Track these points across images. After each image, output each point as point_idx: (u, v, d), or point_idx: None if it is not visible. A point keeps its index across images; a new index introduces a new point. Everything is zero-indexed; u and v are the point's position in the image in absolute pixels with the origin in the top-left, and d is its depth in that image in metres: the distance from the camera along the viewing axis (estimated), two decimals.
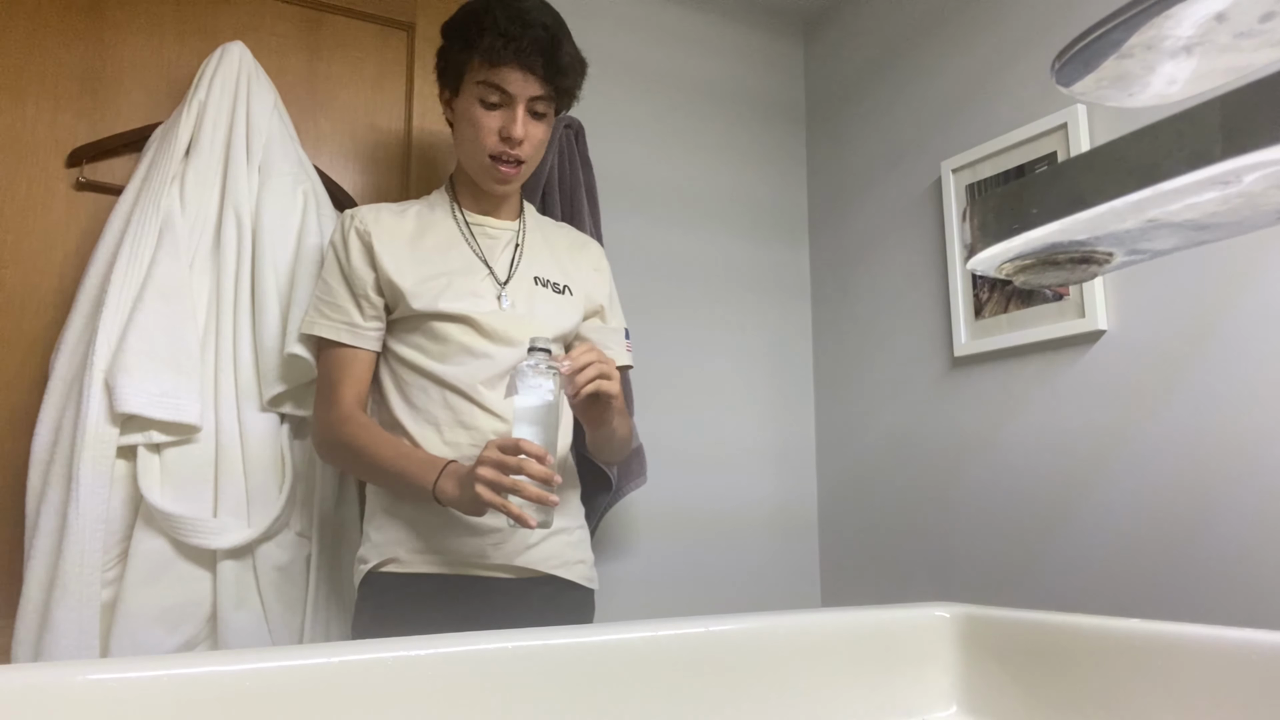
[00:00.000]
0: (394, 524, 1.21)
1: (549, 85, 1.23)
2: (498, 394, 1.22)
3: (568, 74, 1.24)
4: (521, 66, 1.20)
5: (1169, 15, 0.43)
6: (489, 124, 1.23)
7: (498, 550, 1.20)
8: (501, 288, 1.27)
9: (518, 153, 1.24)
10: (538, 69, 1.21)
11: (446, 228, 1.30)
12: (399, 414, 1.22)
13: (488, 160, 1.25)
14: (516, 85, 1.21)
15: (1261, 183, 0.36)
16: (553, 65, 1.22)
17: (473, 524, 1.19)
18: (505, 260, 1.31)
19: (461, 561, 1.19)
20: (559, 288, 1.33)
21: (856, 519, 1.95)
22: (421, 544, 1.19)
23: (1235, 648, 0.57)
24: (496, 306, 1.25)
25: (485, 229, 1.32)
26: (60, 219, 1.39)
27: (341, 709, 0.51)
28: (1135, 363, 1.40)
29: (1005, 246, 0.45)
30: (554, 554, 1.25)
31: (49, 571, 1.16)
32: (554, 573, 1.24)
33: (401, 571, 1.19)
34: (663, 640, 0.63)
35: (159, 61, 1.49)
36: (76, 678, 0.46)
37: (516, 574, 1.22)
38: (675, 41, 2.05)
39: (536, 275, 1.31)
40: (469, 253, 1.29)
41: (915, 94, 1.88)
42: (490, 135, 1.23)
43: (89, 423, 1.19)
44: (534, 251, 1.34)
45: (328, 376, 1.24)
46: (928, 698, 0.73)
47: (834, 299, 2.08)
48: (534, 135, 1.25)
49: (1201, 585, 1.28)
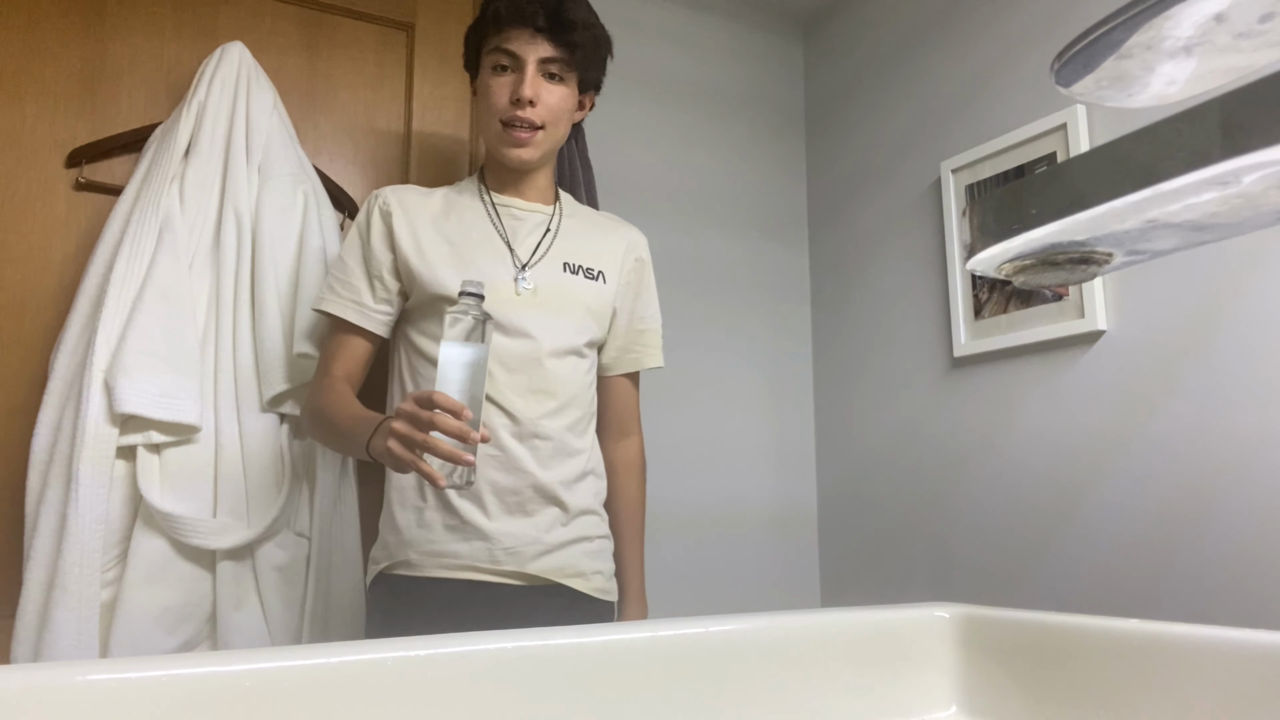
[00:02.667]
0: (406, 525, 1.19)
1: (559, 45, 1.21)
2: (507, 390, 1.19)
3: (577, 30, 1.21)
4: (525, 23, 1.19)
5: (1168, 16, 0.43)
6: (500, 90, 1.22)
7: (510, 556, 1.17)
8: (520, 270, 1.24)
9: (530, 115, 1.21)
10: (541, 23, 1.19)
11: (472, 208, 1.28)
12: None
13: (500, 127, 1.22)
14: (523, 45, 1.20)
15: (1261, 183, 0.36)
16: (558, 21, 1.20)
17: (484, 529, 1.17)
18: (531, 242, 1.27)
19: (472, 567, 1.17)
20: (592, 273, 1.29)
21: (856, 519, 1.95)
22: (432, 547, 1.17)
23: (1235, 648, 0.57)
24: (512, 290, 1.22)
25: (512, 210, 1.29)
26: (60, 219, 1.39)
27: (341, 709, 0.51)
28: (1135, 363, 1.40)
29: (1005, 247, 0.45)
30: (568, 563, 1.21)
31: (48, 572, 1.16)
32: (566, 583, 1.20)
33: (412, 575, 1.18)
34: (663, 640, 0.63)
35: (159, 61, 1.49)
36: (76, 678, 0.46)
37: (528, 581, 1.19)
38: (675, 42, 2.05)
39: (567, 261, 1.28)
40: (491, 232, 1.26)
41: (915, 94, 1.88)
42: (501, 100, 1.21)
43: (88, 423, 1.19)
44: (568, 237, 1.30)
45: (325, 351, 1.25)
46: (927, 698, 0.73)
47: (833, 299, 2.08)
48: (548, 99, 1.22)
49: (1201, 585, 1.28)
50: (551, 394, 1.22)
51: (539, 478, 1.19)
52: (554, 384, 1.22)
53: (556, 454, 1.21)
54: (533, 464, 1.19)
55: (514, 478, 1.18)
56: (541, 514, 1.20)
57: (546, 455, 1.20)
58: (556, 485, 1.20)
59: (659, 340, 1.39)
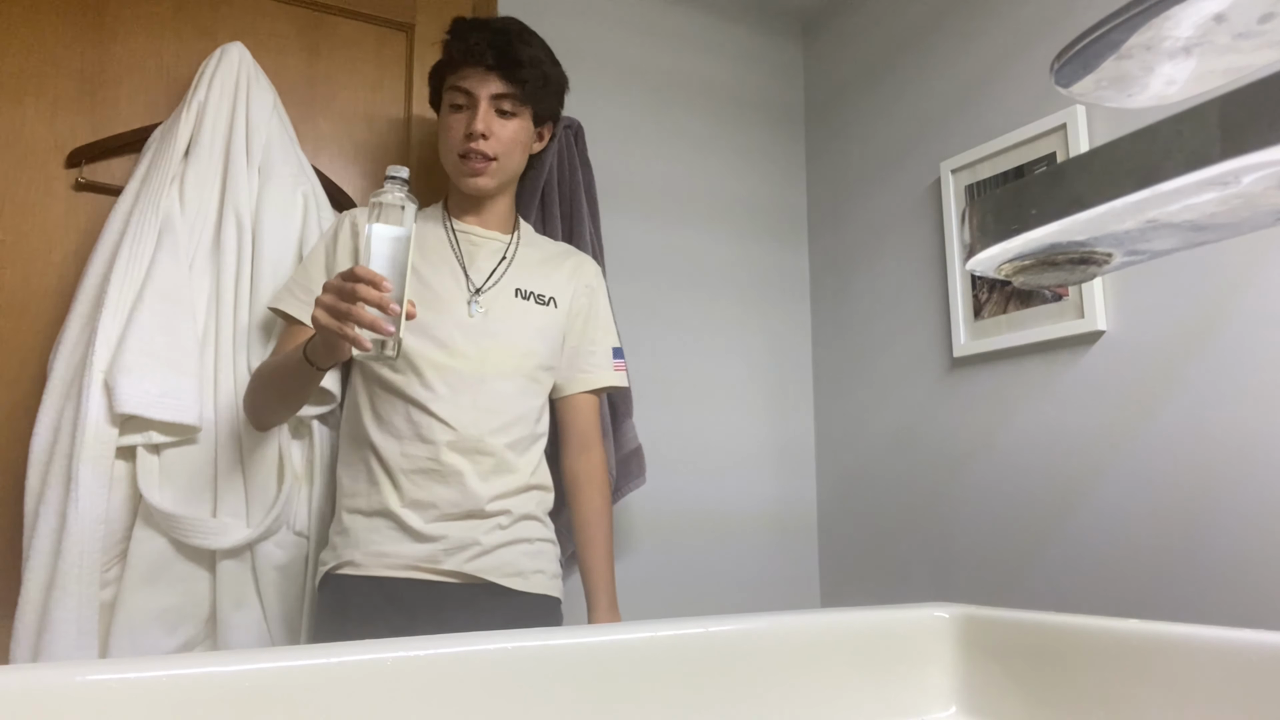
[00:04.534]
0: (354, 528, 1.23)
1: (508, 81, 1.28)
2: (451, 406, 1.23)
3: (524, 67, 1.28)
4: (476, 62, 1.27)
5: (1168, 16, 0.43)
6: (456, 126, 1.29)
7: (449, 557, 1.22)
8: (474, 295, 1.29)
9: (483, 148, 1.28)
10: (491, 61, 1.26)
11: (434, 233, 1.35)
12: (367, 424, 1.25)
13: (457, 159, 1.30)
14: (475, 83, 1.28)
15: (1260, 183, 0.36)
16: (507, 59, 1.27)
17: (427, 533, 1.21)
18: (486, 268, 1.33)
19: (414, 566, 1.21)
20: (543, 299, 1.35)
21: (856, 519, 1.95)
22: (377, 548, 1.21)
23: (1235, 648, 0.57)
24: (465, 312, 1.28)
25: (470, 236, 1.36)
26: (59, 219, 1.39)
27: (341, 709, 0.51)
28: (1134, 363, 1.40)
29: (1004, 247, 0.45)
30: (507, 563, 1.25)
31: (48, 572, 1.16)
32: (503, 582, 1.24)
33: (356, 574, 1.22)
34: (662, 640, 0.63)
35: (159, 62, 1.49)
36: (76, 678, 0.46)
37: (467, 580, 1.23)
38: (674, 42, 2.05)
39: (519, 287, 1.34)
40: (449, 255, 1.32)
41: (914, 94, 1.89)
42: (457, 134, 1.29)
43: (88, 423, 1.19)
44: (523, 265, 1.36)
45: (274, 347, 1.31)
46: (927, 698, 0.73)
47: (833, 299, 2.08)
48: (501, 133, 1.29)
49: (1201, 585, 1.28)
50: (495, 412, 1.26)
51: (479, 491, 1.24)
52: (498, 402, 1.27)
53: (497, 469, 1.26)
54: (474, 478, 1.24)
55: (455, 490, 1.23)
56: (482, 522, 1.24)
57: (487, 470, 1.25)
58: (496, 498, 1.25)
59: (609, 361, 1.43)
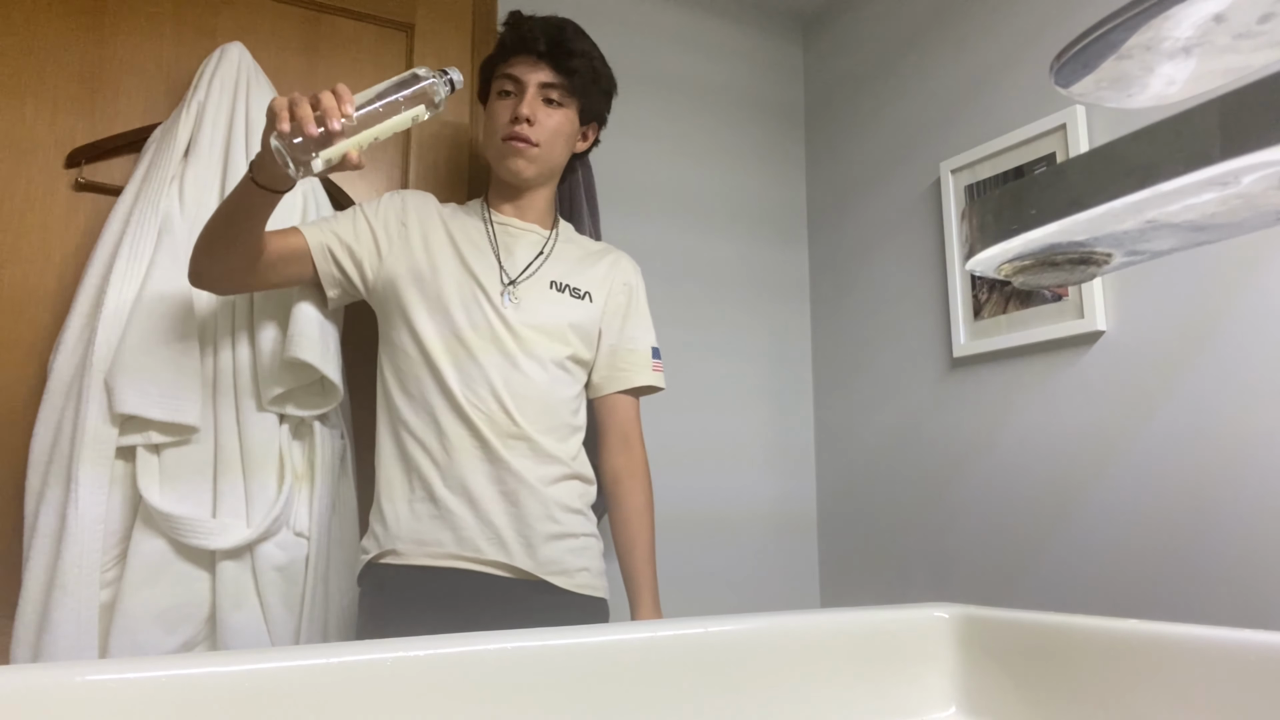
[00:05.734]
0: (394, 516, 1.23)
1: (557, 71, 1.30)
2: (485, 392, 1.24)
3: (575, 58, 1.30)
4: (527, 50, 1.29)
5: (1168, 16, 0.43)
6: (503, 111, 1.32)
7: (493, 546, 1.21)
8: (508, 285, 1.30)
9: (527, 133, 1.29)
10: (542, 48, 1.29)
11: (473, 223, 1.36)
12: (401, 412, 1.26)
13: (499, 142, 1.31)
14: (525, 70, 1.30)
15: (1260, 184, 0.36)
16: (558, 48, 1.29)
17: (468, 519, 1.20)
18: (522, 259, 1.34)
19: (458, 555, 1.20)
20: (578, 293, 1.35)
21: (856, 519, 1.95)
22: (418, 536, 1.21)
23: (1235, 648, 0.57)
24: (500, 301, 1.28)
25: (508, 227, 1.36)
26: (59, 219, 1.39)
27: (341, 709, 0.51)
28: (1134, 363, 1.40)
29: (1004, 247, 0.45)
30: (552, 559, 1.24)
31: (48, 572, 1.16)
32: (550, 579, 1.23)
33: (399, 564, 1.21)
34: (662, 640, 0.63)
35: (159, 61, 1.49)
36: (75, 678, 0.46)
37: (513, 574, 1.22)
38: (674, 43, 2.05)
39: (554, 280, 1.34)
40: (486, 245, 1.33)
41: (914, 95, 1.89)
42: (503, 119, 1.31)
43: (88, 423, 1.19)
44: (560, 260, 1.37)
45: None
46: (927, 698, 0.73)
47: (833, 299, 2.08)
48: (546, 121, 1.31)
49: (1201, 585, 1.28)
50: (530, 399, 1.26)
51: (521, 474, 1.23)
52: (532, 390, 1.27)
53: (534, 454, 1.25)
54: (514, 462, 1.23)
55: (497, 469, 1.23)
56: (523, 506, 1.23)
57: (524, 454, 1.25)
58: (536, 482, 1.24)
59: (648, 361, 1.42)
